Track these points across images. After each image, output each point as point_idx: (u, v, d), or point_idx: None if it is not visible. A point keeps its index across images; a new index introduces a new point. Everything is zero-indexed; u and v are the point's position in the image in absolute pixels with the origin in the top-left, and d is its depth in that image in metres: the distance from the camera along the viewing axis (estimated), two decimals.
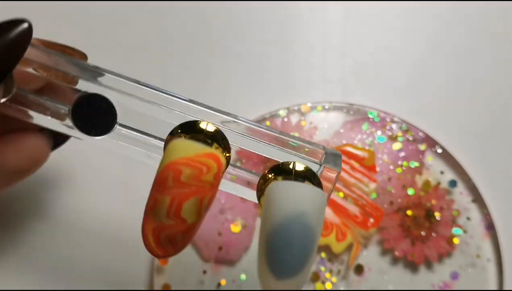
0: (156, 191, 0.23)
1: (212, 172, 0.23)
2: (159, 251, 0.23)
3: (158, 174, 0.23)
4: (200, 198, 0.23)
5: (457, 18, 0.38)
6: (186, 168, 0.22)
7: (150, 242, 0.23)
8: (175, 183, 0.22)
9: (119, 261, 0.36)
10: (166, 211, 0.22)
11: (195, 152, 0.23)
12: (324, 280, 0.35)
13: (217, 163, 0.23)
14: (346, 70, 0.38)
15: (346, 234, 0.35)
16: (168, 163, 0.22)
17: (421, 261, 0.35)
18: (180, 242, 0.23)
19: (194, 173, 0.22)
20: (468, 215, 0.36)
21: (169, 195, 0.22)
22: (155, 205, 0.23)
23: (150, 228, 0.23)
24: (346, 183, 0.36)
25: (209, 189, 0.23)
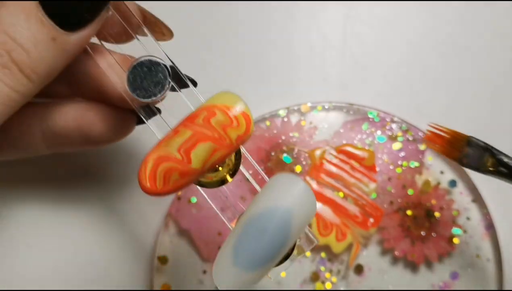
0: (181, 124, 0.23)
1: (239, 131, 0.23)
2: (149, 183, 0.23)
3: (193, 112, 0.23)
4: (215, 147, 0.23)
5: (457, 18, 0.38)
6: (220, 114, 0.23)
7: (145, 171, 0.23)
8: (204, 122, 0.23)
9: (119, 261, 0.36)
10: (180, 144, 0.23)
11: (236, 105, 0.23)
12: (324, 280, 0.35)
13: (246, 126, 0.23)
14: (346, 70, 0.38)
15: (346, 234, 0.35)
16: (208, 105, 0.23)
17: (421, 261, 0.35)
18: (172, 182, 0.23)
19: (224, 121, 0.23)
20: (468, 215, 0.36)
21: (192, 130, 0.23)
22: (173, 135, 0.23)
23: (154, 156, 0.23)
24: (346, 183, 0.36)
25: (227, 145, 0.23)
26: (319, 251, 0.36)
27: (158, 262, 0.36)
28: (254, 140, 0.36)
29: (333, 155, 0.36)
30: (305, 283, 0.35)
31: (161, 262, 0.36)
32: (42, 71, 0.25)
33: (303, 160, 0.36)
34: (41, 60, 0.25)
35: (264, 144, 0.36)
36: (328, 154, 0.36)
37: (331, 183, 0.36)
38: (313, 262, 0.36)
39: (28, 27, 0.25)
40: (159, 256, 0.36)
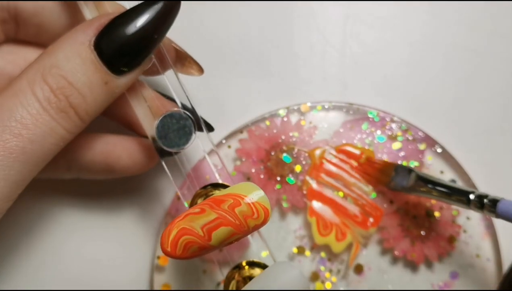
0: (208, 204, 0.26)
1: (257, 221, 0.26)
2: (170, 248, 0.25)
3: (220, 195, 0.26)
4: (234, 232, 0.26)
5: (457, 18, 0.38)
6: (245, 205, 0.25)
7: (169, 236, 0.25)
8: (230, 209, 0.25)
9: (119, 261, 0.37)
10: (205, 223, 0.25)
11: (260, 200, 0.26)
12: (323, 280, 0.35)
13: (264, 218, 0.26)
14: (346, 69, 0.38)
15: (345, 234, 0.35)
16: (236, 193, 0.26)
17: (420, 260, 0.35)
18: (191, 252, 0.25)
19: (247, 212, 0.26)
20: (468, 214, 0.36)
21: (217, 214, 0.25)
22: (199, 212, 0.25)
23: (180, 225, 0.25)
24: (346, 183, 0.36)
25: (245, 231, 0.26)
26: (318, 250, 0.36)
27: (158, 262, 0.36)
28: (254, 140, 0.36)
29: (333, 155, 0.36)
30: None
31: (161, 262, 0.36)
32: (94, 113, 0.27)
33: (303, 159, 0.36)
34: (94, 103, 0.27)
35: (264, 144, 0.36)
36: (328, 153, 0.36)
37: (331, 182, 0.36)
38: (313, 262, 0.36)
39: (84, 72, 0.26)
40: (159, 256, 0.36)
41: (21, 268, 0.36)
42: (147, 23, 0.27)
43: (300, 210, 0.36)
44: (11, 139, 0.25)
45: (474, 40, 0.38)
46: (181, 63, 0.33)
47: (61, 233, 0.37)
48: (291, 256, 0.36)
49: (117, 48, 0.26)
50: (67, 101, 0.26)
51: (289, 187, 0.36)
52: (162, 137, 0.29)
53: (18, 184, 0.26)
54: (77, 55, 0.26)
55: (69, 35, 0.27)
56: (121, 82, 0.27)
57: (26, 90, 0.26)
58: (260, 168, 0.36)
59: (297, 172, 0.36)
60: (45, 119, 0.26)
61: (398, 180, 0.34)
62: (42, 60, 0.26)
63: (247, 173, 0.36)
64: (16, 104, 0.25)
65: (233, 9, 0.38)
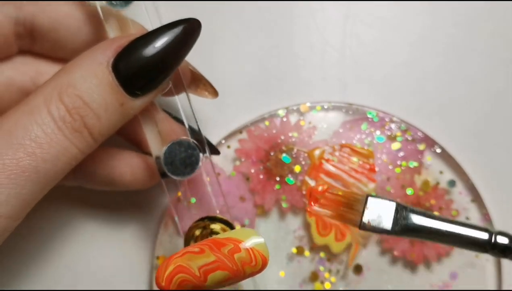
0: (208, 245, 0.26)
1: (254, 269, 0.26)
2: (164, 283, 0.26)
3: (221, 238, 0.26)
4: (230, 277, 0.26)
5: (457, 18, 0.38)
6: (244, 252, 0.26)
7: (165, 271, 0.26)
8: (229, 254, 0.26)
9: (119, 261, 0.37)
10: (202, 264, 0.26)
11: (259, 247, 0.26)
12: (323, 280, 0.36)
13: (262, 266, 0.26)
14: (345, 70, 0.38)
15: (345, 234, 0.35)
16: (235, 238, 0.26)
17: (420, 261, 0.35)
18: (184, 289, 0.26)
19: (246, 259, 0.26)
20: (467, 214, 0.36)
21: (216, 257, 0.26)
22: (198, 253, 0.26)
23: (177, 262, 0.26)
24: (345, 183, 0.36)
25: (241, 277, 0.26)
26: (318, 251, 0.36)
27: (158, 262, 0.36)
28: (254, 140, 0.36)
29: (332, 155, 0.36)
30: (304, 283, 0.36)
31: (161, 262, 0.36)
32: (107, 133, 0.27)
33: (302, 159, 0.36)
34: (108, 124, 0.27)
35: (263, 144, 0.36)
36: (327, 153, 0.36)
37: (330, 182, 0.36)
38: (312, 262, 0.36)
39: (100, 92, 0.26)
40: (159, 256, 0.36)
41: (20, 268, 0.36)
42: (167, 46, 0.26)
43: (300, 210, 0.36)
44: (24, 158, 0.25)
45: (474, 40, 0.38)
46: (195, 85, 0.33)
47: (61, 233, 0.37)
48: (290, 256, 0.36)
49: (135, 70, 0.26)
50: (82, 122, 0.26)
51: (289, 187, 0.36)
52: (168, 163, 0.30)
53: (28, 202, 0.26)
54: (94, 76, 0.26)
55: (88, 54, 0.27)
56: (137, 104, 0.27)
57: (42, 109, 0.25)
58: (260, 168, 0.36)
59: (297, 172, 0.36)
60: (59, 139, 0.25)
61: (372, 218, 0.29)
62: (59, 78, 0.26)
63: (247, 173, 0.36)
64: (32, 122, 0.25)
65: (233, 9, 0.38)
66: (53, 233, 0.37)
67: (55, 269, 0.36)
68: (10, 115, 0.26)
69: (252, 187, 0.36)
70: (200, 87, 0.33)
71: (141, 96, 0.27)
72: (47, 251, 0.37)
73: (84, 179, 0.32)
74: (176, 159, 0.30)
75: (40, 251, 0.37)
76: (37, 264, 0.37)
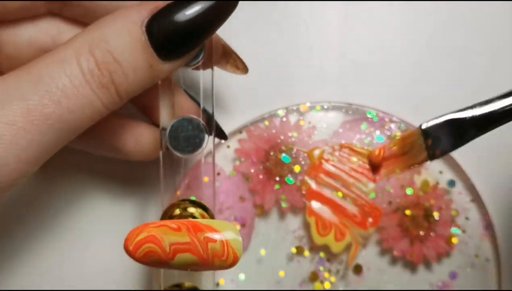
0: (186, 225, 0.26)
1: (223, 263, 0.26)
2: (132, 248, 0.25)
3: (201, 223, 0.26)
4: (198, 263, 0.26)
5: (456, 18, 0.38)
6: (219, 243, 0.26)
7: (136, 236, 0.25)
8: (204, 241, 0.26)
9: (118, 261, 0.37)
10: (175, 242, 0.25)
11: (234, 244, 0.26)
12: (322, 280, 0.35)
13: (231, 263, 0.26)
14: (345, 70, 0.38)
15: (345, 234, 0.35)
16: (215, 229, 0.26)
17: (419, 261, 0.35)
18: (150, 261, 0.26)
19: (219, 252, 0.26)
20: (467, 214, 0.36)
21: (190, 239, 0.25)
22: (175, 230, 0.26)
23: (151, 232, 0.25)
24: (345, 183, 0.36)
25: (207, 266, 0.26)
26: (318, 250, 0.36)
27: None
28: (253, 140, 0.36)
29: (332, 155, 0.36)
30: (304, 283, 0.36)
31: None
32: (132, 93, 0.27)
33: (302, 159, 0.36)
34: (135, 84, 0.27)
35: (263, 144, 0.36)
36: (327, 153, 0.36)
37: (330, 182, 0.36)
38: (312, 262, 0.36)
39: (131, 51, 0.26)
40: None
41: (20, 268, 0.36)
42: (201, 14, 0.26)
43: (299, 210, 0.36)
44: (50, 105, 0.25)
45: (474, 40, 0.38)
46: (225, 60, 0.33)
47: (61, 233, 0.37)
48: (290, 256, 0.36)
49: (168, 33, 0.26)
50: (110, 78, 0.26)
51: (288, 187, 0.36)
52: (172, 136, 0.30)
53: (48, 150, 0.26)
54: (127, 33, 0.26)
55: (123, 12, 0.27)
56: (165, 68, 0.27)
57: (71, 60, 0.25)
58: (259, 168, 0.36)
59: (296, 172, 0.36)
60: (86, 92, 0.25)
61: (439, 144, 0.27)
62: (91, 32, 0.26)
63: (246, 173, 0.36)
64: (60, 72, 0.25)
65: None
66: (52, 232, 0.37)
67: (51, 269, 0.36)
68: (38, 63, 0.26)
69: (251, 187, 0.36)
70: (230, 62, 0.33)
71: (170, 61, 0.27)
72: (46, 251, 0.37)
73: (88, 142, 0.32)
74: (181, 135, 0.30)
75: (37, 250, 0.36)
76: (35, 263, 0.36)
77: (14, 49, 0.31)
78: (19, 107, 0.24)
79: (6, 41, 0.30)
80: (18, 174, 0.25)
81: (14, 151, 0.24)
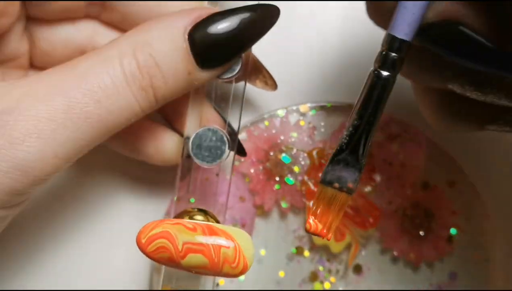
0: (202, 228, 0.26)
1: (232, 271, 0.26)
2: (145, 241, 0.26)
3: (217, 228, 0.26)
4: (207, 266, 0.26)
5: None
6: (232, 250, 0.26)
7: (149, 231, 0.26)
8: (218, 244, 0.26)
9: (119, 261, 0.37)
10: (189, 241, 0.26)
11: (247, 254, 0.26)
12: (322, 280, 0.36)
13: (240, 272, 0.26)
14: (345, 70, 0.38)
15: (344, 234, 0.35)
16: (232, 236, 0.26)
17: (419, 261, 0.35)
18: (159, 257, 0.26)
19: (230, 258, 0.26)
20: (467, 215, 0.36)
21: (205, 240, 0.26)
22: (191, 229, 0.26)
23: (166, 228, 0.26)
24: None
25: (216, 272, 0.26)
26: (318, 250, 0.36)
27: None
28: (253, 140, 0.36)
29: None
30: (303, 283, 0.36)
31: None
32: (169, 98, 0.28)
33: (302, 160, 0.36)
34: (172, 89, 0.27)
35: (263, 144, 0.36)
36: (327, 153, 0.36)
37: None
38: (311, 262, 0.36)
39: (173, 57, 0.27)
40: None
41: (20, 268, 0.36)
42: (244, 26, 0.27)
43: (299, 210, 0.36)
44: (90, 104, 0.25)
45: None
46: (255, 75, 0.33)
47: (61, 233, 0.37)
48: (290, 256, 0.36)
49: (209, 43, 0.27)
50: (150, 81, 0.26)
51: (288, 187, 0.36)
52: (195, 144, 0.30)
53: (83, 148, 0.26)
54: (170, 39, 0.27)
55: (167, 18, 0.27)
56: (202, 76, 0.28)
57: (115, 60, 0.26)
58: (259, 168, 0.36)
59: (296, 172, 0.36)
60: (126, 93, 0.26)
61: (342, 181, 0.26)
62: (136, 35, 0.27)
63: (246, 173, 0.36)
64: (103, 71, 0.26)
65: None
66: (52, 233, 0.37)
67: (52, 269, 0.37)
68: (82, 61, 0.26)
69: (251, 187, 0.36)
70: (260, 78, 0.34)
71: (208, 70, 0.28)
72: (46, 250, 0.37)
73: (110, 140, 0.32)
74: (204, 144, 0.30)
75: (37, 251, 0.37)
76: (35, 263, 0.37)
77: (50, 46, 0.31)
78: (61, 103, 0.25)
79: (42, 38, 0.31)
80: (53, 169, 0.26)
81: (53, 146, 0.25)
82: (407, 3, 0.23)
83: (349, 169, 0.25)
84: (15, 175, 0.25)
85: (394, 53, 0.23)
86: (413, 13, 0.23)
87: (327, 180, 0.25)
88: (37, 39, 0.31)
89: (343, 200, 0.26)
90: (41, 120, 0.25)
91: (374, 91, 0.24)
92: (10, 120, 0.25)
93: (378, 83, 0.23)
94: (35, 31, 0.31)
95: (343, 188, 0.25)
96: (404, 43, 0.23)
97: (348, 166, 0.25)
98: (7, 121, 0.25)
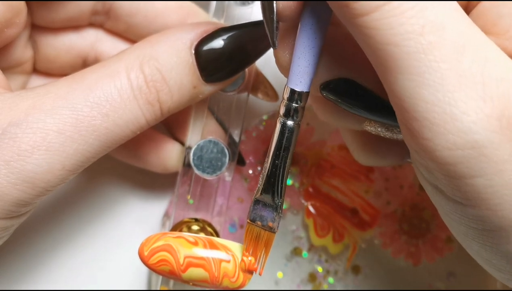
0: (204, 242, 0.26)
1: (232, 285, 0.26)
2: (147, 253, 0.26)
3: (217, 242, 0.26)
4: (207, 280, 0.26)
5: None
6: (232, 264, 0.26)
7: (152, 243, 0.26)
8: (218, 259, 0.26)
9: (118, 261, 0.37)
10: (190, 255, 0.26)
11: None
12: (321, 281, 0.36)
13: (239, 286, 0.26)
14: None
15: (343, 235, 0.35)
16: (233, 251, 0.26)
17: (419, 261, 0.35)
18: (160, 269, 0.26)
19: (230, 272, 0.26)
20: None
21: (205, 255, 0.26)
22: (192, 243, 0.26)
23: (168, 241, 0.26)
24: (344, 184, 0.36)
25: (215, 285, 0.26)
26: (316, 251, 0.36)
27: None
28: (252, 142, 0.36)
29: (331, 155, 0.36)
30: (302, 283, 0.36)
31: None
32: (174, 111, 0.28)
33: (301, 160, 0.36)
34: (178, 102, 0.28)
35: (262, 145, 0.36)
36: (325, 154, 0.36)
37: (329, 183, 0.36)
38: (310, 263, 0.36)
39: (179, 71, 0.27)
40: None
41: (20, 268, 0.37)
42: (249, 41, 0.28)
43: (298, 211, 0.36)
44: (98, 117, 0.26)
45: None
46: (257, 86, 0.34)
47: (61, 233, 0.37)
48: (288, 257, 0.36)
49: (215, 58, 0.27)
50: (157, 95, 0.27)
51: (287, 187, 0.36)
52: (196, 155, 0.31)
53: (89, 159, 0.27)
54: (176, 54, 0.27)
55: (174, 32, 0.28)
56: (207, 90, 0.28)
57: (122, 74, 0.26)
58: (258, 169, 0.36)
59: (295, 173, 0.36)
60: (133, 107, 0.26)
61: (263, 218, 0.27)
62: (143, 48, 0.27)
63: (245, 174, 0.36)
64: (111, 85, 0.26)
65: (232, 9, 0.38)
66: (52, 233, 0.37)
67: (52, 269, 0.37)
68: (89, 74, 0.27)
69: (250, 188, 0.36)
70: (261, 89, 0.34)
71: (213, 83, 0.28)
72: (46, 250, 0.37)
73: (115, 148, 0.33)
74: (205, 155, 0.31)
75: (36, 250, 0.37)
76: (35, 263, 0.37)
77: (53, 52, 0.32)
78: (69, 117, 0.25)
79: (47, 44, 0.31)
80: (60, 181, 0.26)
81: (60, 159, 0.25)
82: (298, 58, 0.24)
83: (267, 208, 0.26)
84: (23, 187, 0.25)
85: (295, 103, 0.25)
86: (306, 66, 0.24)
87: (251, 218, 0.27)
88: (41, 46, 0.31)
89: (267, 237, 0.27)
90: (49, 133, 0.25)
91: (283, 138, 0.25)
92: (19, 133, 0.25)
93: (285, 131, 0.25)
94: (40, 39, 0.31)
95: (265, 227, 0.27)
96: (302, 93, 0.25)
97: (266, 206, 0.26)
98: (15, 133, 0.25)
